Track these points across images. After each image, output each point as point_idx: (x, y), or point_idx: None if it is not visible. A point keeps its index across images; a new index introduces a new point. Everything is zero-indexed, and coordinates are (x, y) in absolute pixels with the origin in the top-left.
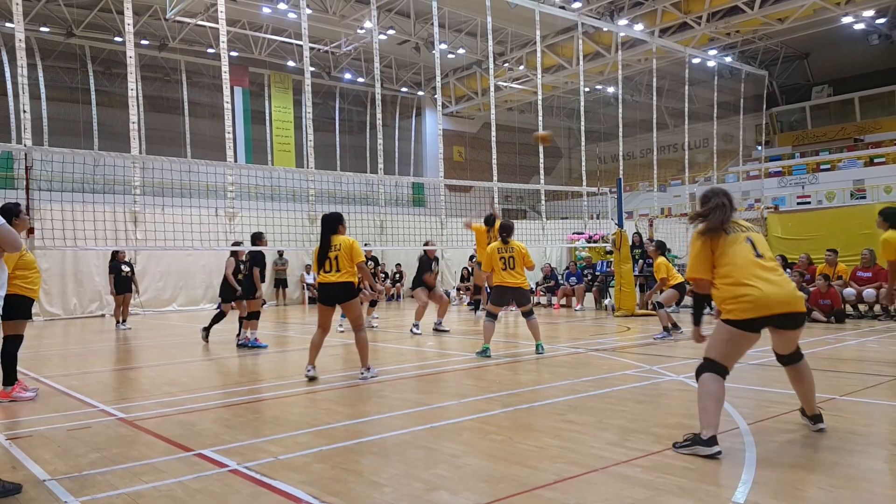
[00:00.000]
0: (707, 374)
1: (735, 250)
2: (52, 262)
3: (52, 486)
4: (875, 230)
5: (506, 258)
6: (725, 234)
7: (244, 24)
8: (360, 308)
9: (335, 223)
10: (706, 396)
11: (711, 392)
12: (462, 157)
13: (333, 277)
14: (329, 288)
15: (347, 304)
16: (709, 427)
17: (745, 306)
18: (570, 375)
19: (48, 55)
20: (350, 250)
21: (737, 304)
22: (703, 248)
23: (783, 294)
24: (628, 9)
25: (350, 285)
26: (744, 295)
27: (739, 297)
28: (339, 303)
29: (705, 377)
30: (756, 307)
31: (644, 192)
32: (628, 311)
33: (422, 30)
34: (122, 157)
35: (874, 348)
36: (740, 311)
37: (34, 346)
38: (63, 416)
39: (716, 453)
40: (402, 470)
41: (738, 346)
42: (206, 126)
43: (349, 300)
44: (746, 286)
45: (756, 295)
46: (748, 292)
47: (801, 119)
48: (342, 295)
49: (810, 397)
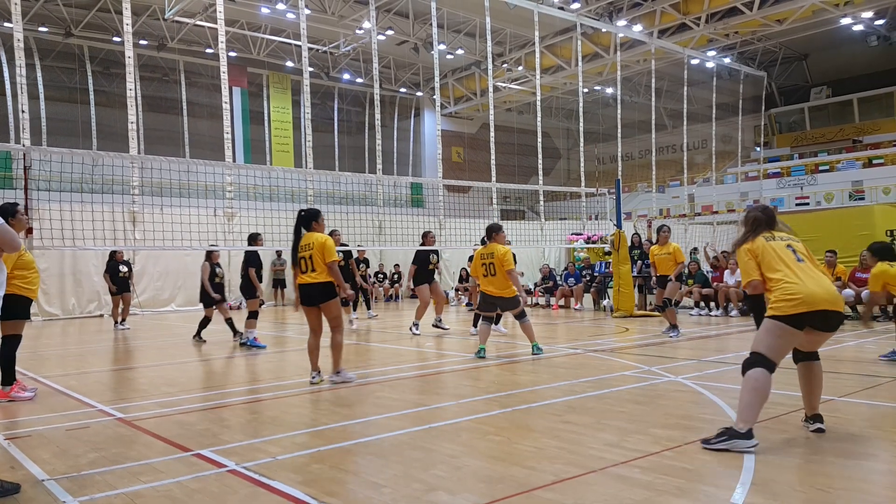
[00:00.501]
0: (757, 369)
1: (778, 255)
2: (51, 262)
3: (51, 485)
4: (874, 231)
5: (486, 264)
6: (765, 242)
7: (243, 24)
8: (340, 309)
9: (310, 220)
10: (753, 391)
11: (760, 387)
12: (461, 157)
13: (309, 278)
14: (307, 289)
15: (326, 305)
16: (748, 421)
17: (793, 302)
18: (569, 376)
19: (47, 55)
20: (322, 249)
21: (784, 301)
22: (749, 258)
23: (828, 293)
24: (627, 9)
25: (328, 285)
26: (792, 292)
27: (788, 293)
28: (318, 304)
29: (755, 372)
30: (802, 302)
31: (643, 192)
32: (627, 312)
33: (420, 30)
34: (120, 157)
35: (872, 349)
36: (788, 306)
37: (33, 346)
38: (62, 415)
39: (754, 446)
40: (400, 470)
41: (785, 342)
42: (205, 126)
43: (328, 301)
44: (793, 284)
45: (803, 292)
46: (796, 290)
47: (799, 120)
48: (320, 296)
49: (816, 397)
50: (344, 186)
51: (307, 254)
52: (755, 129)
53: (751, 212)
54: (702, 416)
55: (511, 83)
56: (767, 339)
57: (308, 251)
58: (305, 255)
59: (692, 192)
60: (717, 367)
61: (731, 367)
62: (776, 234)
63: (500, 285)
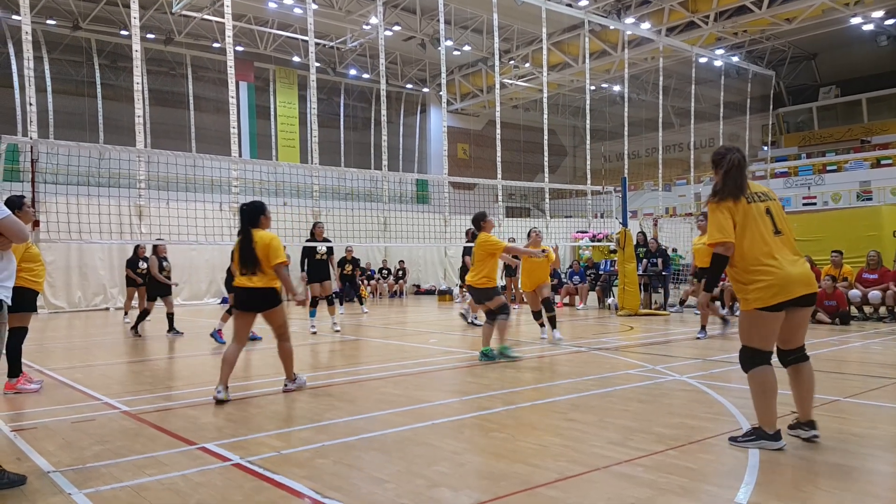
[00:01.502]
0: (756, 368)
1: (756, 226)
2: (57, 255)
3: (57, 477)
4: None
5: (472, 253)
6: (746, 203)
7: (250, 18)
8: (285, 316)
9: (256, 215)
10: (762, 393)
11: (767, 385)
12: (466, 154)
13: (249, 282)
14: (243, 293)
15: (269, 314)
16: (771, 424)
17: (771, 292)
18: (573, 374)
19: (54, 48)
20: (266, 250)
21: (760, 293)
22: (727, 215)
23: (803, 275)
24: (635, 7)
25: (269, 293)
26: (766, 281)
27: (761, 283)
28: (258, 311)
29: (757, 372)
30: (780, 291)
31: (649, 191)
32: (632, 311)
33: (427, 26)
34: (127, 151)
35: (879, 350)
36: (767, 297)
37: (39, 339)
38: (67, 408)
39: (782, 447)
40: (403, 466)
41: (772, 327)
42: (211, 120)
43: (270, 309)
44: (767, 269)
45: (780, 280)
46: (769, 279)
47: (807, 120)
48: (259, 303)
49: (808, 401)
50: (349, 182)
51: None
52: (763, 128)
53: (730, 153)
54: (706, 415)
55: (518, 80)
56: (754, 332)
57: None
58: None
59: (699, 190)
60: (721, 366)
61: (735, 367)
62: (754, 191)
63: (475, 274)
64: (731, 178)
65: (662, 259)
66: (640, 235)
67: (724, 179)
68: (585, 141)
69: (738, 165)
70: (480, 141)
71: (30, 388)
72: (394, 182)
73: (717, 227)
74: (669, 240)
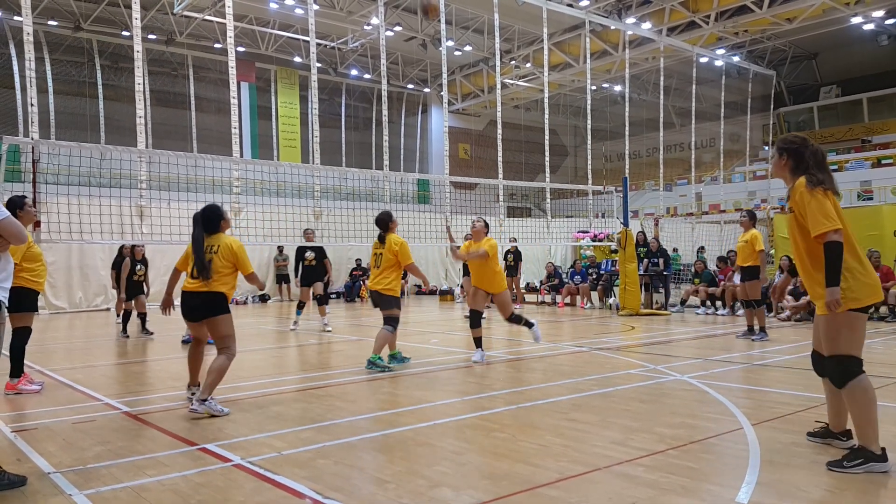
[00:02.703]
0: (858, 379)
1: (846, 221)
2: (58, 256)
3: (57, 478)
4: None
5: (377, 255)
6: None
7: (251, 19)
8: (230, 327)
9: (216, 220)
10: (871, 403)
11: (873, 399)
12: (468, 154)
13: (193, 286)
14: (189, 299)
15: (212, 322)
16: (877, 440)
17: (869, 289)
18: (574, 374)
19: (56, 49)
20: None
21: (863, 291)
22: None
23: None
24: (636, 7)
25: (218, 297)
26: (871, 280)
27: (869, 280)
28: (201, 319)
29: (858, 384)
30: (875, 290)
31: (650, 191)
32: (633, 311)
33: (428, 26)
34: (128, 152)
35: (880, 350)
36: (866, 296)
37: (40, 340)
38: (68, 409)
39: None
40: (404, 466)
41: (864, 330)
42: (213, 121)
43: (214, 317)
44: (864, 266)
45: (873, 276)
46: (872, 277)
47: (808, 119)
48: (204, 309)
49: (845, 412)
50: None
51: (208, 257)
52: (764, 127)
53: (808, 146)
54: (707, 415)
55: (519, 80)
56: (855, 336)
57: (210, 254)
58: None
59: (700, 190)
60: (722, 366)
61: (736, 367)
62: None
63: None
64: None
65: (663, 259)
66: (640, 235)
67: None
68: (586, 141)
69: (820, 156)
70: (481, 141)
71: (31, 388)
72: (395, 182)
73: (824, 216)
74: (670, 240)
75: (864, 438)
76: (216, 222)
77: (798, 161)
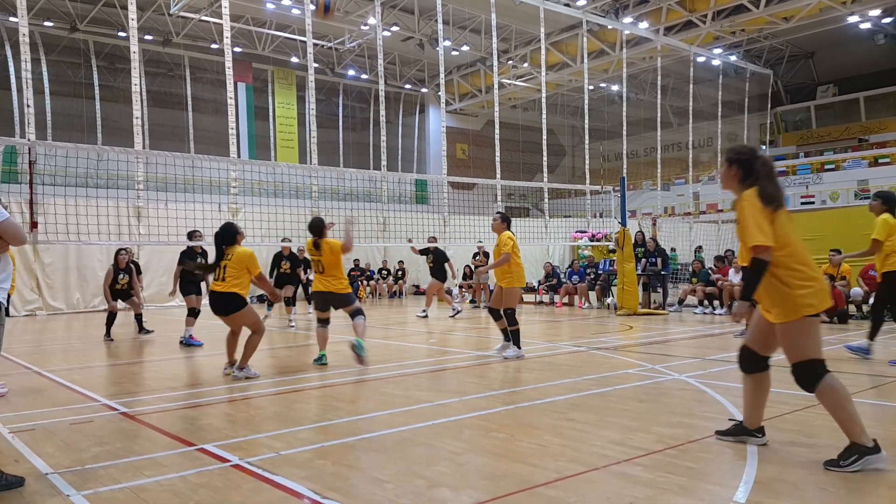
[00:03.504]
0: (825, 381)
1: (792, 229)
2: (55, 257)
3: (55, 479)
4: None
5: (316, 261)
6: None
7: (248, 19)
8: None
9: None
10: (844, 404)
11: (847, 396)
12: (465, 154)
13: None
14: (213, 297)
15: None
16: (865, 432)
17: (822, 295)
18: (572, 374)
19: (52, 50)
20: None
21: (817, 297)
22: (763, 214)
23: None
24: (633, 6)
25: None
26: (819, 283)
27: (820, 287)
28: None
29: (826, 386)
30: (826, 297)
31: (647, 190)
32: (631, 310)
33: (426, 26)
34: (125, 152)
35: (877, 350)
36: (820, 302)
37: (37, 340)
38: (65, 409)
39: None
40: (403, 467)
41: (820, 333)
42: (210, 122)
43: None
44: (816, 273)
45: (823, 282)
46: (820, 281)
47: (805, 119)
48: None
49: (763, 408)
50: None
51: (224, 262)
52: (761, 127)
53: (756, 156)
54: (705, 414)
55: (516, 80)
56: (813, 341)
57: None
58: (221, 264)
59: (697, 190)
60: (720, 365)
61: (734, 366)
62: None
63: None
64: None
65: (661, 259)
66: (638, 235)
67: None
68: (584, 140)
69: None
70: (479, 141)
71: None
72: (393, 182)
73: (756, 227)
74: (668, 239)
75: (851, 435)
76: (233, 236)
77: (747, 171)
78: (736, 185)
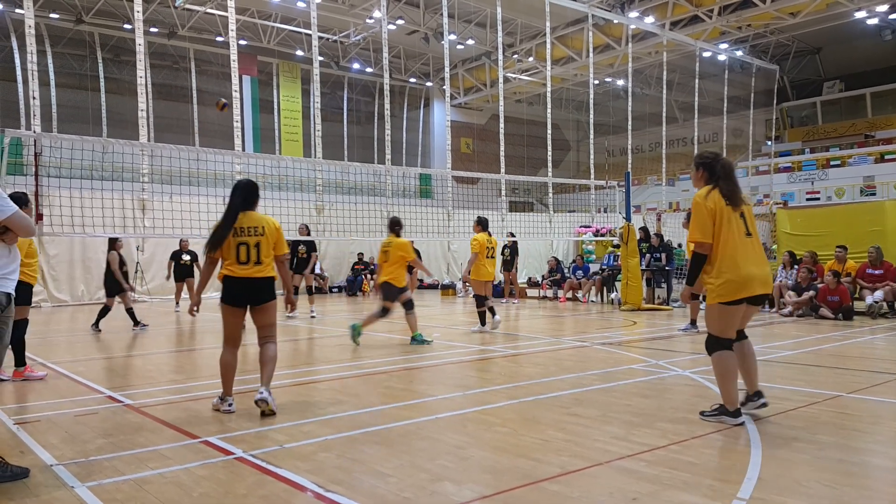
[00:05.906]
0: (718, 353)
1: (730, 228)
2: (60, 249)
3: (59, 471)
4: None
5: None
6: (724, 205)
7: (253, 12)
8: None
9: (254, 194)
10: (724, 374)
11: (727, 368)
12: (470, 148)
13: (255, 271)
14: (250, 284)
15: (269, 306)
16: (733, 401)
17: (732, 287)
18: (576, 369)
19: (58, 42)
20: (277, 235)
21: (724, 289)
22: (708, 216)
23: (763, 275)
24: (639, 1)
25: (272, 282)
26: (731, 279)
27: (729, 280)
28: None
29: (718, 356)
30: (741, 288)
31: (652, 185)
32: (635, 306)
33: (431, 20)
34: (130, 145)
35: (882, 346)
36: (729, 292)
37: (42, 332)
38: (70, 401)
39: (741, 423)
40: (406, 460)
41: (732, 319)
42: (215, 114)
43: (272, 301)
44: (733, 269)
45: (742, 277)
46: (735, 276)
47: (811, 114)
48: (269, 293)
49: (754, 374)
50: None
51: (254, 240)
52: (767, 122)
53: (718, 160)
54: None
55: (521, 74)
56: (717, 323)
57: (256, 236)
58: (250, 242)
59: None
60: None
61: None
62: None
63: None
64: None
65: (666, 254)
66: (642, 230)
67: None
68: (589, 135)
69: (725, 169)
70: (484, 135)
71: (37, 375)
72: (397, 176)
73: (697, 227)
74: (673, 234)
75: (723, 398)
76: (254, 198)
77: (711, 173)
78: (703, 185)
